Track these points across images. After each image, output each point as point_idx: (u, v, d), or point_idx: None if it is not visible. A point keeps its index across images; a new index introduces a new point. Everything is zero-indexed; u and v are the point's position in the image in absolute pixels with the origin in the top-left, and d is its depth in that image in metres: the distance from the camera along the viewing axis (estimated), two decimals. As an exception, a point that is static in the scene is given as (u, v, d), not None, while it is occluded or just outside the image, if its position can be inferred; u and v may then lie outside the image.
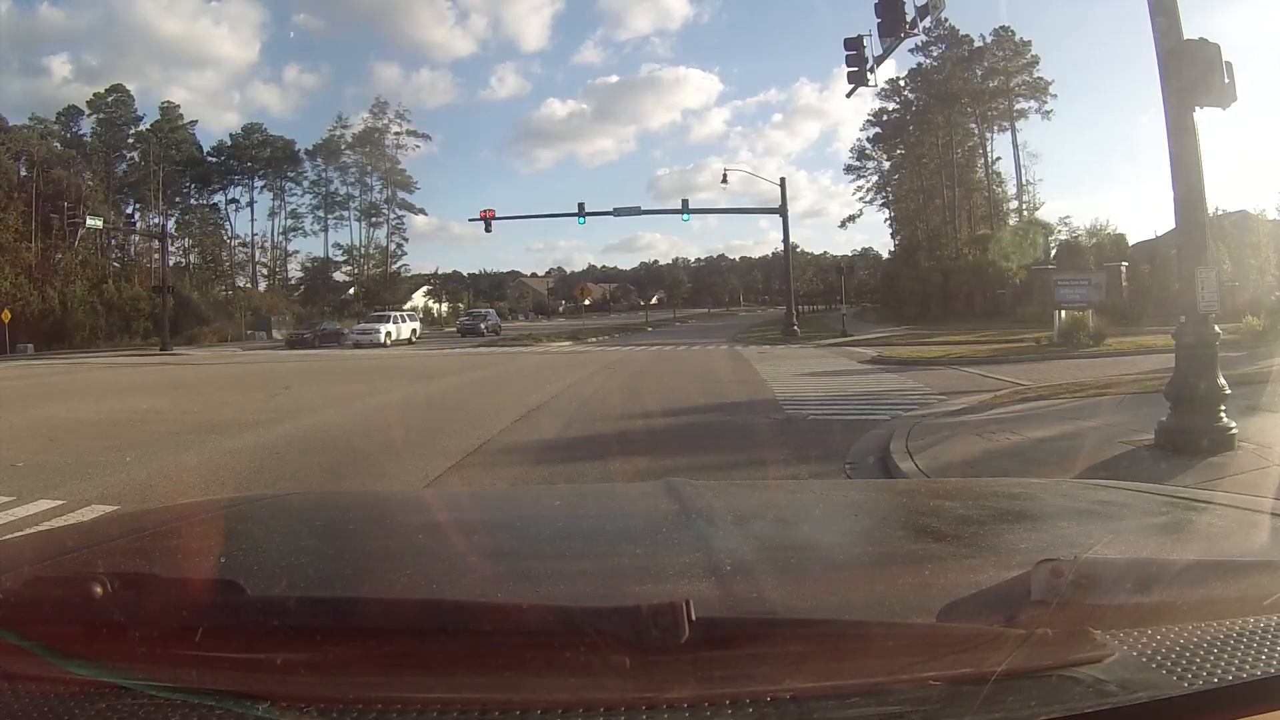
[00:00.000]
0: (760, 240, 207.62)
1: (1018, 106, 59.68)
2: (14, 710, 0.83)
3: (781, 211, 41.42)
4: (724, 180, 43.14)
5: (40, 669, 0.87)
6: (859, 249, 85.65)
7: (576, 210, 42.45)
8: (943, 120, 60.24)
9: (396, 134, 69.94)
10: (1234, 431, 7.06)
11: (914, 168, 65.03)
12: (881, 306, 63.03)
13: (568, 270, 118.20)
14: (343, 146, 69.29)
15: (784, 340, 36.66)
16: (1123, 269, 39.63)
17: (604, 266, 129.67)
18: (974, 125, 61.62)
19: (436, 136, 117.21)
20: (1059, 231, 53.17)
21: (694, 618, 0.83)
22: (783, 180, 41.72)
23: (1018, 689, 0.81)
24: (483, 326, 50.21)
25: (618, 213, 42.49)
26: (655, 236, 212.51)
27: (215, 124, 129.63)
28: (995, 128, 61.54)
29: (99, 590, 0.94)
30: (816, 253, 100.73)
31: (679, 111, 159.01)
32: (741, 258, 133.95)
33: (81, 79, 68.30)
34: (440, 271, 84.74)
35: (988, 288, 48.51)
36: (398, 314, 46.20)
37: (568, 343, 39.43)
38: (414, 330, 45.54)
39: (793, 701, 0.80)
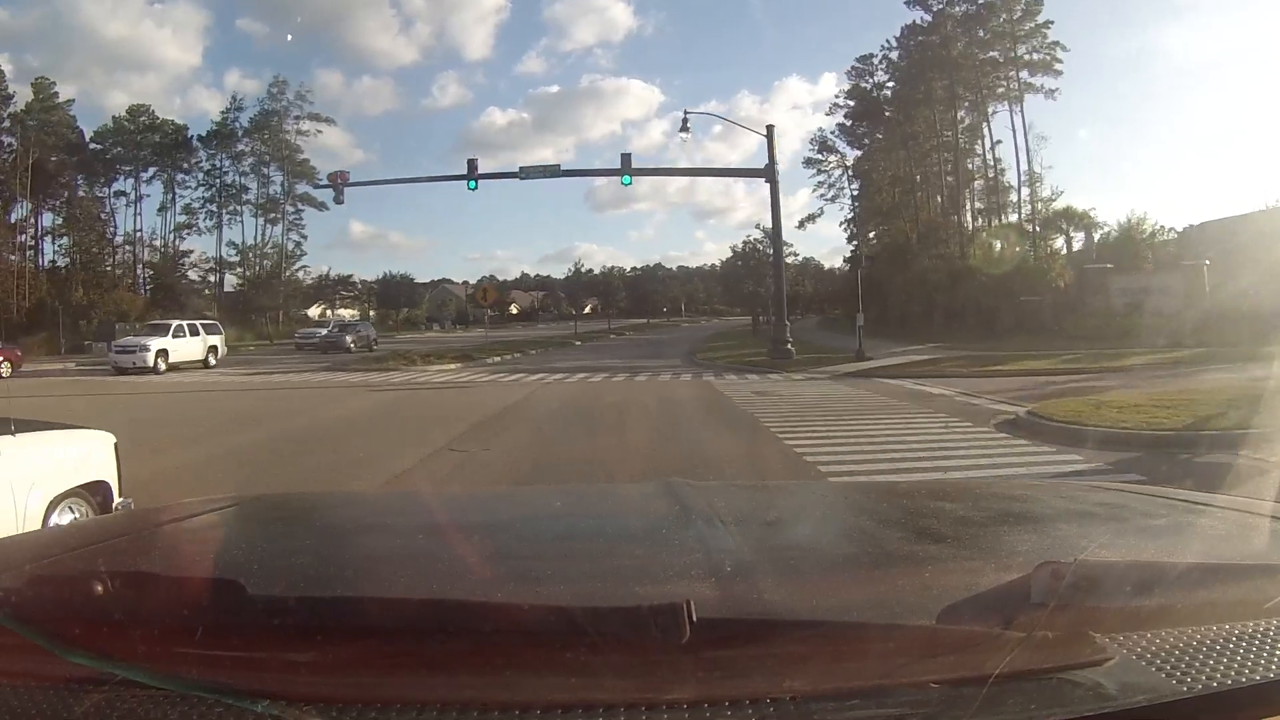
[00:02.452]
0: (696, 252, 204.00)
1: (1026, 81, 49.03)
2: (13, 706, 0.83)
3: (768, 174, 28.14)
4: (684, 128, 30.61)
5: (42, 663, 0.86)
6: (799, 258, 71.93)
7: (466, 172, 29.91)
8: (942, 90, 49.21)
9: (297, 118, 59.57)
10: None
11: (895, 153, 54.23)
12: (845, 316, 52.83)
13: (500, 278, 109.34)
14: (239, 133, 59.50)
15: (775, 365, 24.44)
16: (1205, 269, 27.86)
17: (537, 275, 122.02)
18: (970, 99, 50.78)
19: (376, 144, 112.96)
20: (1101, 225, 42.64)
21: (695, 618, 0.82)
22: (770, 129, 28.28)
23: (1017, 691, 0.81)
24: (349, 340, 38.91)
25: (525, 174, 30.37)
26: (592, 247, 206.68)
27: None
28: (996, 106, 50.93)
29: (100, 588, 0.94)
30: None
31: (619, 122, 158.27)
32: (679, 267, 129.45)
33: (21, 80, 57.66)
34: (341, 275, 71.48)
35: (1014, 292, 37.84)
36: (189, 324, 31.61)
37: (453, 365, 27.50)
38: (213, 347, 31.70)
39: (792, 702, 0.80)
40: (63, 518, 4.61)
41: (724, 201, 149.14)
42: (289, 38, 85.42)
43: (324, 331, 41.78)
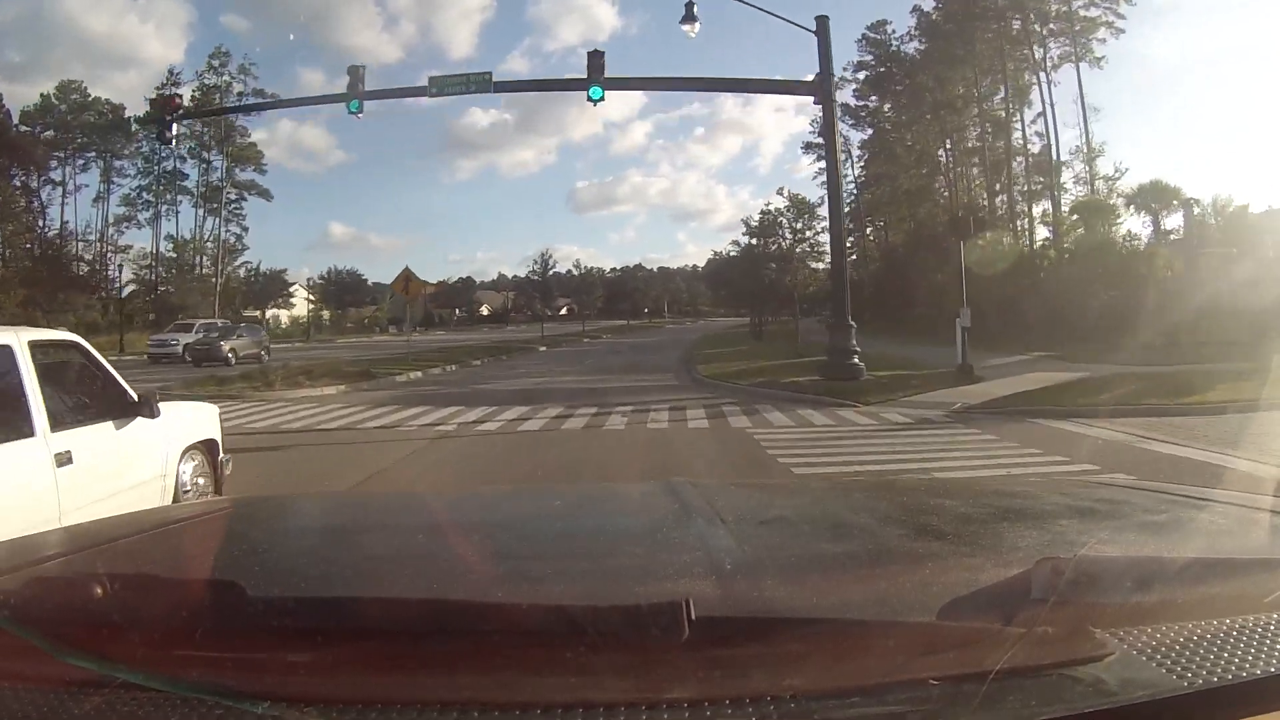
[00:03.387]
0: (677, 254, 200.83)
1: (1082, 42, 40.66)
2: (14, 709, 0.82)
3: (819, 87, 18.62)
4: (686, 18, 20.74)
5: (42, 665, 0.86)
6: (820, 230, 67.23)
7: (346, 90, 21.05)
8: (986, 44, 40.76)
9: (240, 94, 51.61)
10: None
11: (917, 126, 46.10)
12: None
13: (479, 280, 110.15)
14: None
15: (841, 391, 15.30)
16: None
17: (515, 276, 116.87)
18: (1014, 64, 42.49)
19: (357, 145, 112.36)
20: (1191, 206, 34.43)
21: (694, 617, 0.82)
22: (821, 21, 18.33)
23: (1018, 688, 0.80)
24: (226, 349, 29.73)
25: (437, 87, 21.07)
26: (573, 249, 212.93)
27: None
28: (1033, 76, 42.68)
29: (100, 591, 0.95)
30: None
31: (600, 123, 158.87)
32: (660, 269, 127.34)
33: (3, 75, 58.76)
34: (274, 270, 61.91)
35: (1096, 285, 29.53)
36: None
37: (334, 389, 18.61)
38: None
39: (792, 701, 0.80)
40: (188, 464, 6.04)
41: (706, 204, 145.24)
42: (290, 37, 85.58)
43: (188, 338, 32.05)
